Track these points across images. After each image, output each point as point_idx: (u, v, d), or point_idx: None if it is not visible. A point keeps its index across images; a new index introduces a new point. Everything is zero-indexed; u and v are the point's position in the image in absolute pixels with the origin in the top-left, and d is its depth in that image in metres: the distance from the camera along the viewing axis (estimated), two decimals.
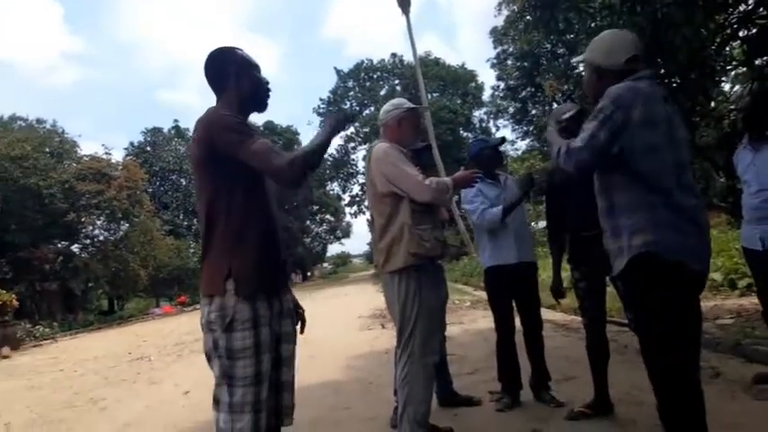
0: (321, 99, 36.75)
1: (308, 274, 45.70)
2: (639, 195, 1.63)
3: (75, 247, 18.91)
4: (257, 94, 1.77)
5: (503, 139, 3.57)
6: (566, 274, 2.99)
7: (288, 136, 39.79)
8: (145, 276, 20.24)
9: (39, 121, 18.25)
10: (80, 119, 69.99)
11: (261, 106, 1.80)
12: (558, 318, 6.52)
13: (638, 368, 3.27)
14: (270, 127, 40.07)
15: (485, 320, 6.99)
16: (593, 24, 5.46)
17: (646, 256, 1.60)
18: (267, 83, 1.80)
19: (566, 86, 14.46)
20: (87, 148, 31.45)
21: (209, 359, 1.62)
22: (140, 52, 72.28)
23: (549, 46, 16.06)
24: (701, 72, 5.03)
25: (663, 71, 4.82)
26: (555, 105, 19.94)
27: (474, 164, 3.12)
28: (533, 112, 23.39)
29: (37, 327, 13.59)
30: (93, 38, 70.54)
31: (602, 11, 5.31)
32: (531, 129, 23.79)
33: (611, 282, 2.51)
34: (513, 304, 3.10)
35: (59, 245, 17.64)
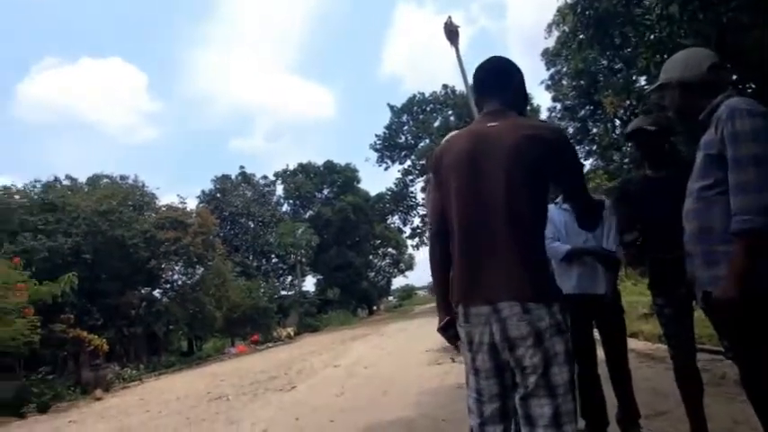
0: (377, 135, 37.58)
1: (374, 308, 45.71)
2: None
3: (156, 292, 20.17)
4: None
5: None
6: (645, 298, 2.81)
7: (347, 173, 40.85)
8: (220, 317, 21.13)
9: (122, 177, 19.89)
10: (158, 172, 75.93)
11: None
12: (641, 346, 6.08)
13: (738, 401, 2.97)
14: (329, 166, 41.41)
15: None
16: (651, 36, 5.28)
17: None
18: None
19: (627, 102, 13.92)
20: (165, 198, 33.87)
21: (548, 366, 1.44)
22: (209, 105, 77.95)
23: (605, 62, 15.58)
24: None
25: (735, 78, 4.54)
26: (617, 122, 19.14)
27: None
28: (594, 130, 22.58)
29: (125, 369, 14.45)
30: (169, 98, 77.17)
31: (660, 22, 5.14)
32: (593, 148, 22.91)
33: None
34: (597, 334, 2.94)
35: (143, 291, 18.88)
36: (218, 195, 34.17)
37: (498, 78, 1.74)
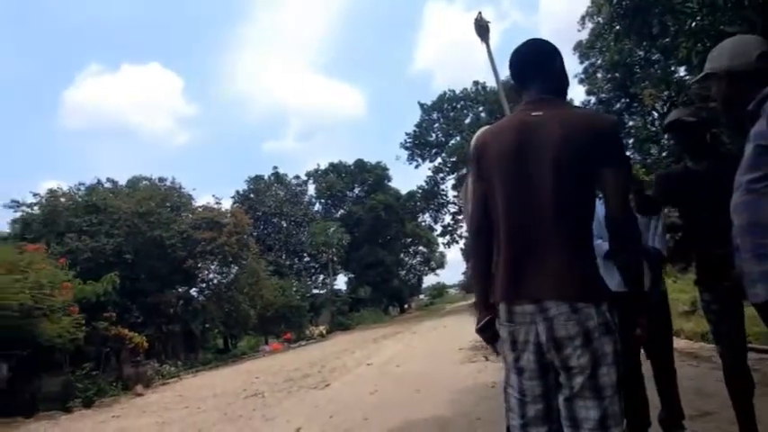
0: (407, 133, 37.53)
1: (405, 306, 45.72)
2: None
3: (193, 291, 20.74)
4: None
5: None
6: (686, 295, 2.70)
7: (377, 172, 40.98)
8: (254, 315, 21.55)
9: (160, 179, 20.53)
10: (194, 173, 78.39)
11: None
12: (683, 345, 5.87)
13: None
14: (360, 165, 41.64)
15: None
16: (692, 24, 5.07)
17: None
18: None
19: (665, 93, 13.44)
20: (201, 199, 34.81)
21: (596, 366, 1.39)
22: (243, 107, 79.73)
23: (641, 53, 15.10)
24: None
25: None
26: (655, 114, 18.51)
27: None
28: (630, 123, 21.93)
29: (164, 366, 14.92)
30: (204, 102, 79.40)
31: (702, 9, 4.93)
32: (630, 142, 22.24)
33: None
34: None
35: (180, 290, 19.45)
36: (252, 195, 34.85)
37: (538, 63, 1.64)
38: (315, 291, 34.38)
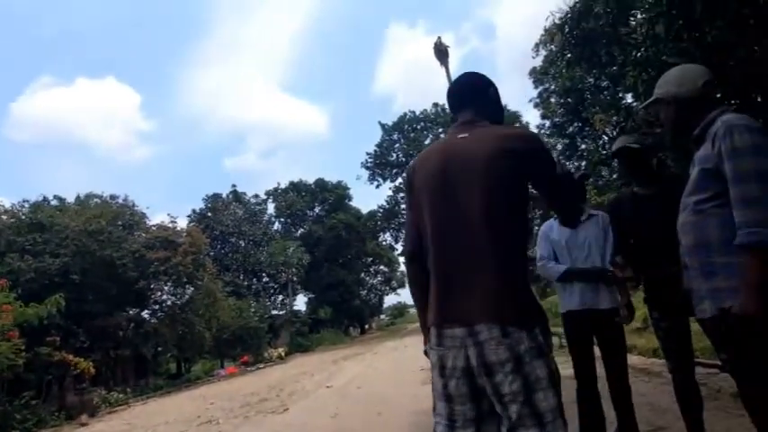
0: (368, 153, 37.74)
1: (366, 326, 45.33)
2: None
3: (145, 313, 19.84)
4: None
5: (584, 176, 3.32)
6: (638, 312, 2.81)
7: (338, 191, 40.90)
8: (209, 338, 20.77)
9: (112, 197, 19.72)
10: (149, 191, 75.69)
11: None
12: (636, 361, 6.06)
13: (735, 415, 2.95)
14: (320, 184, 41.44)
15: (563, 367, 6.60)
16: (637, 55, 5.39)
17: None
18: None
19: (614, 118, 14.17)
20: (156, 218, 33.55)
21: (531, 392, 1.34)
22: (203, 124, 78.08)
23: (591, 80, 15.90)
24: (762, 92, 4.80)
25: (719, 95, 4.64)
26: (605, 138, 19.41)
27: None
28: (583, 146, 22.94)
29: (111, 393, 14.10)
30: (163, 118, 77.40)
31: (645, 41, 5.25)
32: (582, 164, 23.21)
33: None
34: (597, 350, 2.92)
35: (131, 312, 18.56)
36: (209, 214, 33.94)
37: (473, 91, 1.70)
38: (274, 312, 33.56)
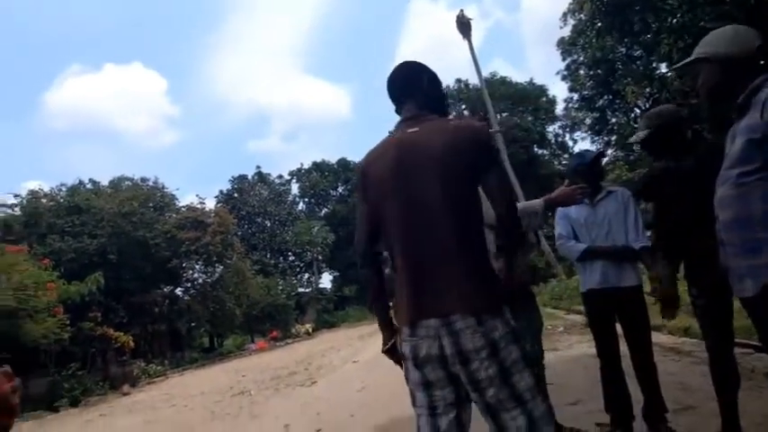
0: (390, 131, 37.44)
1: (390, 304, 45.73)
2: None
3: (178, 291, 20.53)
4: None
5: (601, 154, 3.18)
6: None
7: None
8: (240, 314, 21.40)
9: (143, 179, 20.25)
10: (178, 173, 76.90)
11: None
12: (665, 340, 5.97)
13: None
14: (343, 164, 41.53)
15: (581, 346, 6.57)
16: (673, 21, 5.14)
17: None
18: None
19: (647, 89, 13.64)
20: (184, 199, 34.29)
21: (508, 375, 1.40)
22: (227, 107, 78.67)
23: (623, 50, 15.28)
24: None
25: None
26: (637, 111, 18.75)
27: (570, 182, 2.94)
28: (613, 120, 22.20)
29: (150, 365, 14.78)
30: (188, 102, 78.22)
31: (682, 6, 5.00)
32: (612, 138, 22.50)
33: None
34: (619, 328, 2.88)
35: (165, 289, 19.23)
36: (236, 195, 34.54)
37: (406, 82, 1.70)
38: (300, 289, 34.22)
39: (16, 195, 15.96)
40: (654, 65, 12.57)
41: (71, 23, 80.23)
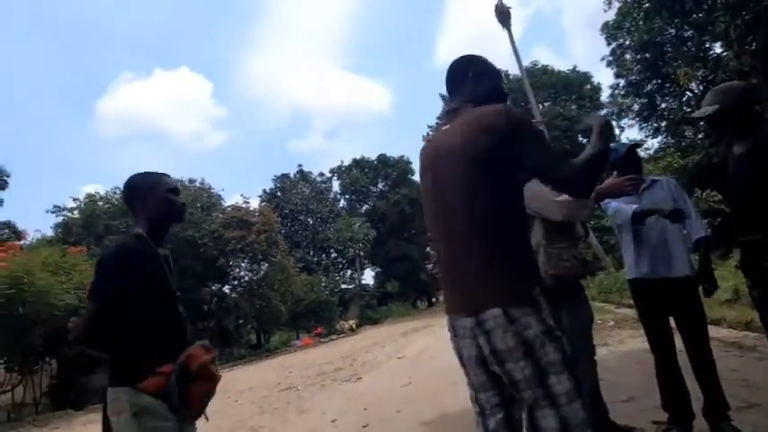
0: (429, 126, 37.26)
1: (433, 299, 45.66)
2: None
3: (226, 288, 21.26)
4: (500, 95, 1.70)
5: (635, 145, 3.03)
6: (727, 283, 2.58)
7: (401, 166, 40.90)
8: (285, 311, 21.93)
9: (190, 180, 21.03)
10: (223, 174, 79.71)
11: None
12: (725, 334, 5.66)
13: None
14: (383, 160, 41.64)
15: (633, 341, 6.33)
16: None
17: None
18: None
19: (700, 71, 12.93)
20: (229, 199, 35.41)
21: (544, 377, 1.34)
22: (269, 107, 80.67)
23: (673, 31, 14.54)
24: None
25: None
26: (689, 95, 17.82)
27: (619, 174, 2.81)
28: (663, 105, 21.18)
29: None
30: (232, 104, 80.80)
31: None
32: (662, 124, 21.47)
33: None
34: (672, 321, 2.75)
35: (213, 287, 19.95)
36: (279, 194, 35.35)
37: (452, 77, 1.70)
38: (343, 286, 34.68)
39: (75, 199, 17.00)
40: (707, 45, 11.90)
41: (122, 32, 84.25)
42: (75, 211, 16.72)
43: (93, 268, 1.63)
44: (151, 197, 1.78)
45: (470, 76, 1.67)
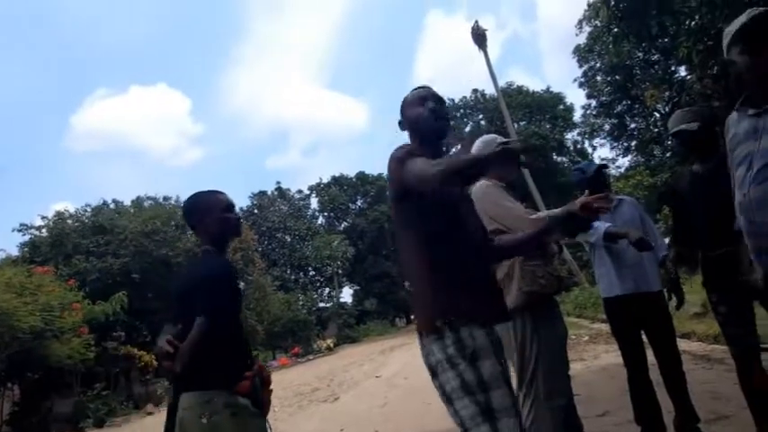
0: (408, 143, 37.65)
1: (412, 317, 45.49)
2: None
3: None
4: (432, 126, 1.80)
5: (602, 166, 3.06)
6: (695, 297, 2.66)
7: (380, 183, 41.03)
8: (261, 330, 21.51)
9: (165, 198, 20.62)
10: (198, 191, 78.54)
11: (438, 133, 1.83)
12: (696, 347, 5.80)
13: None
14: (361, 177, 41.75)
15: (608, 356, 6.42)
16: (692, 24, 5.08)
17: None
18: (442, 116, 1.83)
19: (666, 93, 13.46)
20: None
21: (450, 401, 1.39)
22: (247, 124, 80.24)
23: (641, 54, 15.13)
24: None
25: None
26: (657, 115, 18.51)
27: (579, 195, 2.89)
28: (632, 125, 21.93)
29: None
30: (210, 121, 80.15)
31: (701, 8, 4.93)
32: (632, 144, 22.19)
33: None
34: (644, 336, 2.81)
35: None
36: (256, 211, 34.99)
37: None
38: (321, 304, 34.31)
39: (43, 217, 16.45)
40: (672, 68, 12.41)
41: (98, 48, 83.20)
42: (44, 230, 16.20)
43: (202, 284, 1.75)
44: (209, 219, 1.90)
45: (404, 114, 1.91)
